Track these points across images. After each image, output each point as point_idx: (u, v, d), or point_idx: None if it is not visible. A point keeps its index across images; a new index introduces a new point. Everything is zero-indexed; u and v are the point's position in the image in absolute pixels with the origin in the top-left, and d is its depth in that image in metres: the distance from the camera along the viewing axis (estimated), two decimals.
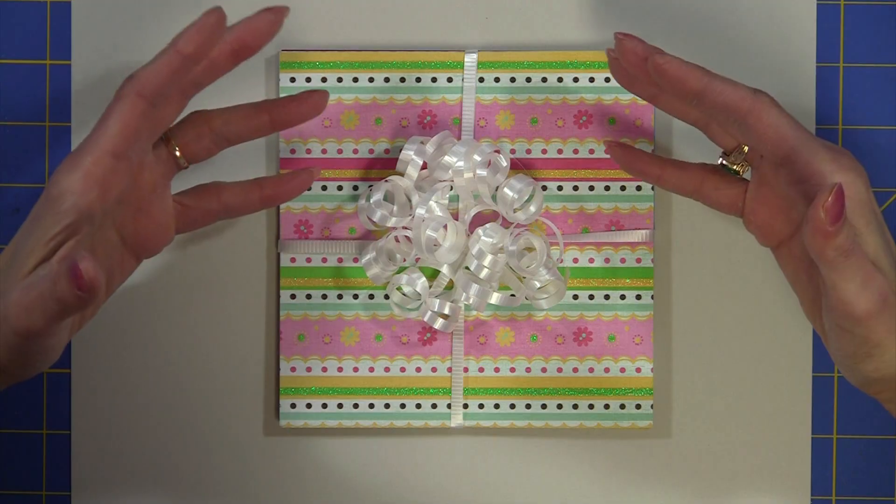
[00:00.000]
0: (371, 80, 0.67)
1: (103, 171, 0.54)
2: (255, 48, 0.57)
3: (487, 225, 0.65)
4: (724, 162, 0.60)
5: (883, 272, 0.54)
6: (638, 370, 0.67)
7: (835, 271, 0.53)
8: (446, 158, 0.65)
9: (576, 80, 0.67)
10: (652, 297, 0.67)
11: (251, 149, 0.68)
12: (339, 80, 0.67)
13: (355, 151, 0.67)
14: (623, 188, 0.67)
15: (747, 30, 0.68)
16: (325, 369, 0.67)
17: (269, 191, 0.63)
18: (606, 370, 0.67)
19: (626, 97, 0.67)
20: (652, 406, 0.67)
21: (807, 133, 0.56)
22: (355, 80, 0.67)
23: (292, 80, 0.67)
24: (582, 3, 0.68)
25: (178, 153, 0.60)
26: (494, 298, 0.65)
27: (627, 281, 0.67)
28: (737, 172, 0.60)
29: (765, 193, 0.59)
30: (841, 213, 0.51)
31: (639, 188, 0.67)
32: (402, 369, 0.67)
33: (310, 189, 0.67)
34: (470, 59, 0.67)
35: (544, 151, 0.67)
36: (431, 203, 0.65)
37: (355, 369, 0.67)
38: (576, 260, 0.67)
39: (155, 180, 0.59)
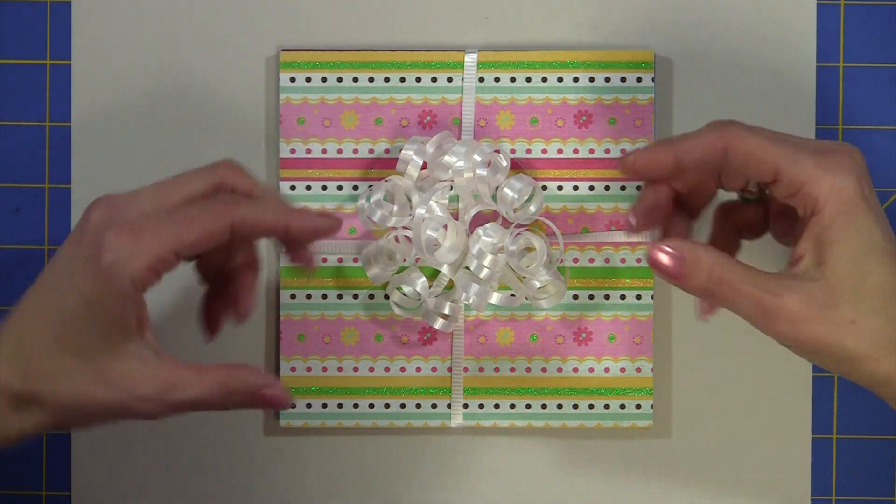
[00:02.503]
0: (371, 80, 0.67)
1: (164, 267, 0.51)
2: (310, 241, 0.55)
3: (487, 225, 0.65)
4: (739, 196, 0.59)
5: (867, 267, 0.52)
6: (638, 370, 0.67)
7: (719, 304, 0.53)
8: (446, 158, 0.65)
9: (576, 80, 0.67)
10: (652, 297, 0.67)
11: (251, 149, 0.68)
12: (339, 80, 0.67)
13: (355, 151, 0.67)
14: (623, 188, 0.67)
15: (747, 30, 0.68)
16: (325, 369, 0.67)
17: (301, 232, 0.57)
18: (606, 370, 0.67)
19: (626, 97, 0.67)
20: (652, 406, 0.67)
21: (788, 143, 0.54)
22: (355, 80, 0.67)
23: (292, 79, 0.67)
24: (582, 4, 0.68)
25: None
26: (494, 298, 0.65)
27: (627, 281, 0.67)
28: (756, 198, 0.59)
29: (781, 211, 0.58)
30: (668, 271, 0.52)
31: (639, 188, 0.67)
32: (402, 369, 0.67)
33: (309, 189, 0.67)
34: (470, 59, 0.67)
35: (544, 151, 0.67)
36: (431, 203, 0.65)
37: (355, 369, 0.67)
38: (576, 260, 0.67)
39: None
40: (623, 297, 0.67)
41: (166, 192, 0.52)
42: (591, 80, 0.67)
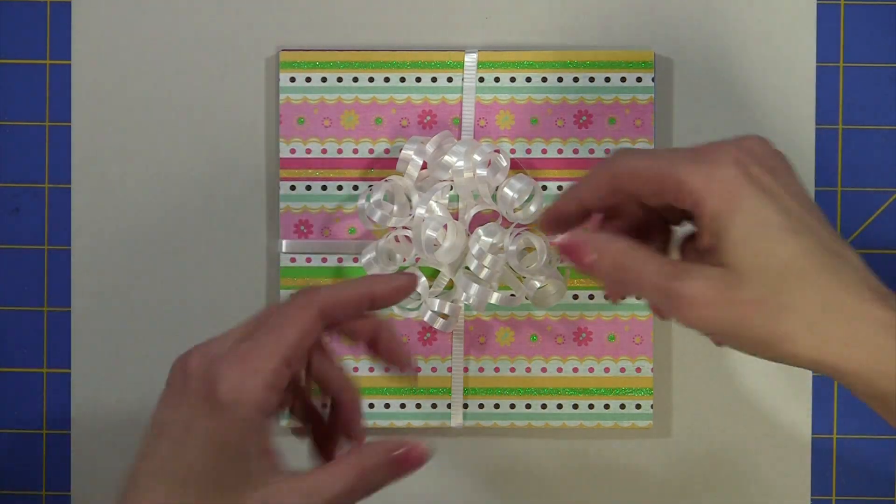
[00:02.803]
0: (371, 80, 0.67)
1: (282, 381, 0.50)
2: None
3: (487, 225, 0.65)
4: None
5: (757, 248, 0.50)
6: (638, 370, 0.67)
7: (628, 291, 0.53)
8: (446, 158, 0.65)
9: (576, 80, 0.67)
10: None
11: (251, 149, 0.68)
12: (339, 80, 0.67)
13: (355, 151, 0.67)
14: None
15: (747, 30, 0.68)
16: None
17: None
18: (606, 370, 0.67)
19: (626, 97, 0.67)
20: (652, 406, 0.67)
21: (666, 155, 0.52)
22: (355, 80, 0.67)
23: (292, 79, 0.67)
24: (582, 4, 0.68)
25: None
26: (494, 298, 0.65)
27: None
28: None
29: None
30: (575, 258, 0.52)
31: None
32: None
33: (309, 189, 0.67)
34: (470, 59, 0.67)
35: (544, 151, 0.67)
36: (431, 203, 0.65)
37: (355, 369, 0.67)
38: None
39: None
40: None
41: (251, 323, 0.51)
42: (591, 80, 0.67)
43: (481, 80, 0.67)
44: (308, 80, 0.67)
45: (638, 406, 0.67)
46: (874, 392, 0.50)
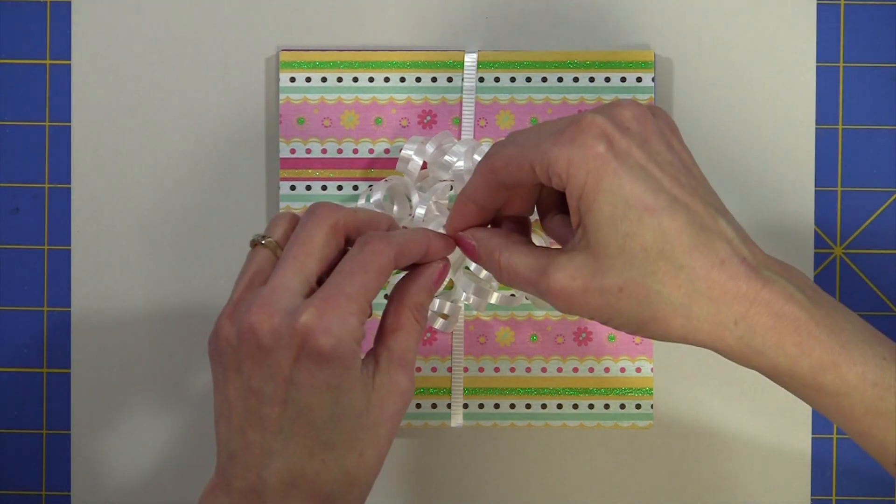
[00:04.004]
0: (371, 80, 0.67)
1: (366, 319, 0.51)
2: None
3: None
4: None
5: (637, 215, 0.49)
6: (638, 370, 0.67)
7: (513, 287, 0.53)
8: (446, 158, 0.65)
9: (576, 80, 0.67)
10: None
11: (251, 149, 0.68)
12: (339, 80, 0.67)
13: (355, 151, 0.67)
14: None
15: (747, 30, 0.68)
16: None
17: None
18: (606, 370, 0.67)
19: (626, 97, 0.67)
20: (652, 406, 0.67)
21: (532, 137, 0.51)
22: (355, 80, 0.67)
23: (292, 79, 0.67)
24: (581, 3, 0.68)
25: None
26: (494, 298, 0.65)
27: None
28: None
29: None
30: (468, 255, 0.54)
31: None
32: None
33: (309, 189, 0.67)
34: (470, 59, 0.67)
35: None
36: (431, 203, 0.65)
37: None
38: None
39: None
40: None
41: (302, 262, 0.51)
42: (591, 80, 0.67)
43: (481, 80, 0.67)
44: (308, 80, 0.67)
45: (638, 406, 0.67)
46: (749, 366, 0.50)
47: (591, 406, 0.67)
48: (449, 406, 0.67)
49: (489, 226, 0.56)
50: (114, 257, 0.68)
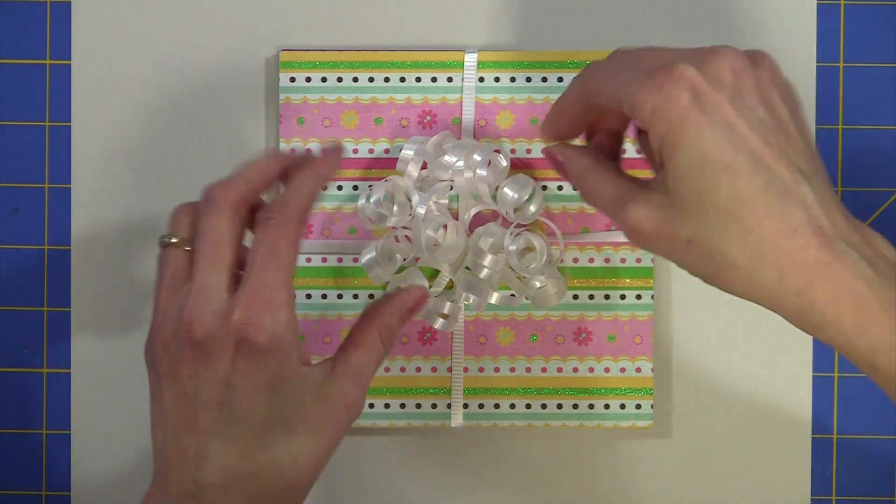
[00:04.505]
0: (371, 80, 0.67)
1: (293, 297, 0.52)
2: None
3: (487, 225, 0.65)
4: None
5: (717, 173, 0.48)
6: (638, 370, 0.67)
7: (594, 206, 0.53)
8: (446, 158, 0.65)
9: None
10: (652, 297, 0.67)
11: (251, 148, 0.68)
12: (339, 80, 0.67)
13: (355, 151, 0.67)
14: None
15: (748, 30, 0.68)
16: None
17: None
18: (606, 370, 0.67)
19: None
20: (652, 406, 0.67)
21: (626, 69, 0.50)
22: (355, 80, 0.67)
23: (292, 79, 0.67)
24: (581, 3, 0.68)
25: None
26: (494, 298, 0.65)
27: (627, 281, 0.67)
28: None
29: None
30: (556, 168, 0.54)
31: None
32: (402, 369, 0.67)
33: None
34: (470, 59, 0.67)
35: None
36: (431, 203, 0.65)
37: None
38: (576, 260, 0.67)
39: None
40: (623, 297, 0.67)
41: (217, 255, 0.52)
42: None
43: (481, 80, 0.67)
44: (308, 80, 0.67)
45: (638, 406, 0.67)
46: (807, 332, 0.49)
47: (591, 406, 0.67)
48: (449, 406, 0.67)
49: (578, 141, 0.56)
50: (114, 257, 0.68)
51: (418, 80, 0.67)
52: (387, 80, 0.67)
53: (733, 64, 0.49)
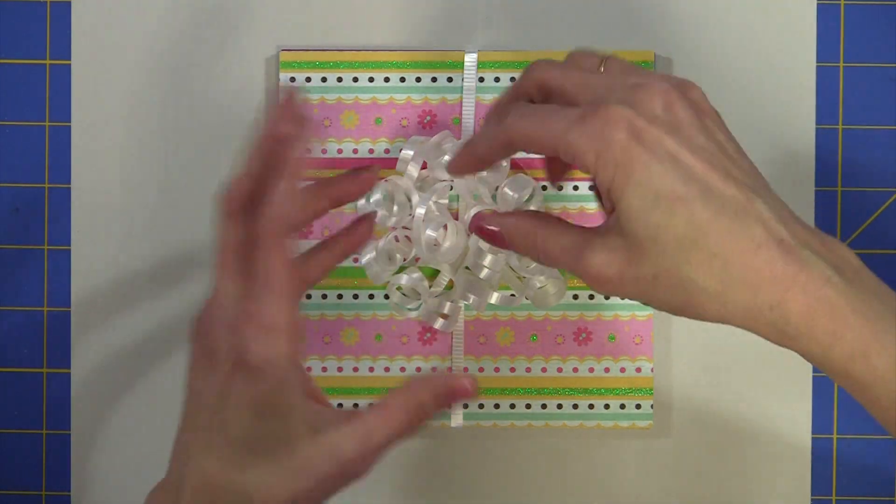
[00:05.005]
0: (371, 80, 0.67)
1: (295, 321, 0.50)
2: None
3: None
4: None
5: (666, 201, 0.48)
6: (638, 370, 0.67)
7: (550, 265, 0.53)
8: (446, 158, 0.65)
9: None
10: None
11: None
12: (339, 79, 0.67)
13: (355, 151, 0.67)
14: None
15: (747, 30, 0.68)
16: (325, 369, 0.67)
17: (339, 248, 0.58)
18: (606, 370, 0.67)
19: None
20: (652, 406, 0.67)
21: (556, 117, 0.50)
22: (355, 80, 0.67)
23: (292, 79, 0.67)
24: (582, 3, 0.68)
25: None
26: (494, 298, 0.65)
27: None
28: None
29: None
30: (493, 242, 0.53)
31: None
32: (402, 369, 0.67)
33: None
34: (470, 59, 0.67)
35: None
36: (431, 203, 0.65)
37: (355, 369, 0.67)
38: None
39: None
40: None
41: (228, 262, 0.51)
42: None
43: (481, 80, 0.67)
44: (308, 80, 0.67)
45: (638, 406, 0.67)
46: (784, 346, 0.49)
47: (591, 406, 0.67)
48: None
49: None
50: (114, 257, 0.68)
51: (418, 80, 0.67)
52: (387, 80, 0.67)
53: (664, 97, 0.49)
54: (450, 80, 0.67)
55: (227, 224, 0.51)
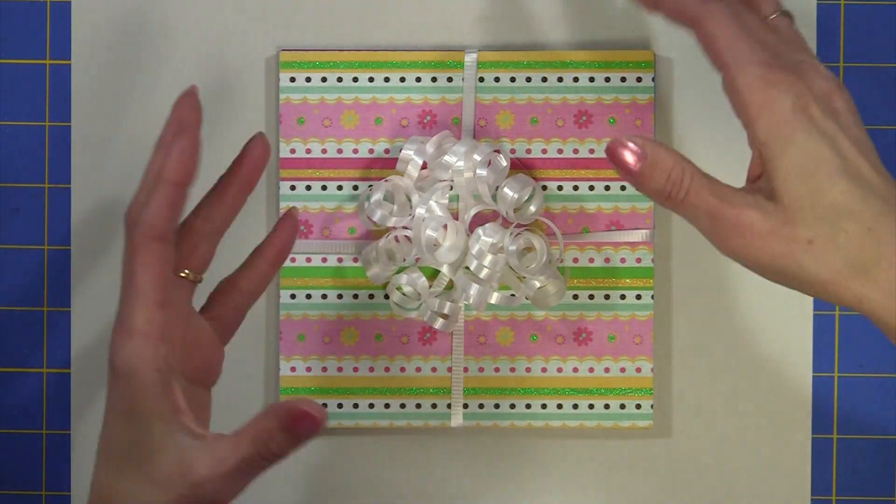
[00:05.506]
0: (371, 80, 0.67)
1: (158, 325, 0.50)
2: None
3: (487, 225, 0.65)
4: None
5: (821, 183, 0.49)
6: (638, 370, 0.67)
7: (677, 211, 0.51)
8: (446, 158, 0.65)
9: (576, 79, 0.67)
10: (652, 297, 0.67)
11: None
12: (339, 79, 0.67)
13: (355, 151, 0.67)
14: (623, 188, 0.67)
15: None
16: (325, 369, 0.67)
17: (270, 252, 0.59)
18: (606, 370, 0.67)
19: (626, 97, 0.67)
20: (652, 406, 0.67)
21: (747, 44, 0.51)
22: (355, 80, 0.67)
23: (292, 79, 0.67)
24: (582, 3, 0.68)
25: (186, 273, 0.55)
26: (494, 298, 0.65)
27: (627, 281, 0.67)
28: None
29: None
30: (628, 168, 0.51)
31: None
32: (402, 369, 0.67)
33: (309, 189, 0.66)
34: (470, 59, 0.67)
35: (544, 151, 0.67)
36: (431, 203, 0.65)
37: (355, 369, 0.67)
38: (576, 260, 0.67)
39: (187, 310, 0.55)
40: (623, 297, 0.67)
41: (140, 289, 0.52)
42: (591, 80, 0.67)
43: (481, 80, 0.67)
44: (308, 80, 0.67)
45: (638, 406, 0.67)
46: None
47: (591, 406, 0.67)
48: (449, 406, 0.67)
49: None
50: (114, 257, 0.68)
51: (418, 80, 0.67)
52: (387, 80, 0.67)
53: (826, 83, 0.51)
54: (450, 80, 0.67)
55: (126, 234, 0.51)
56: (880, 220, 0.49)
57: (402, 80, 0.67)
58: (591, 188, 0.67)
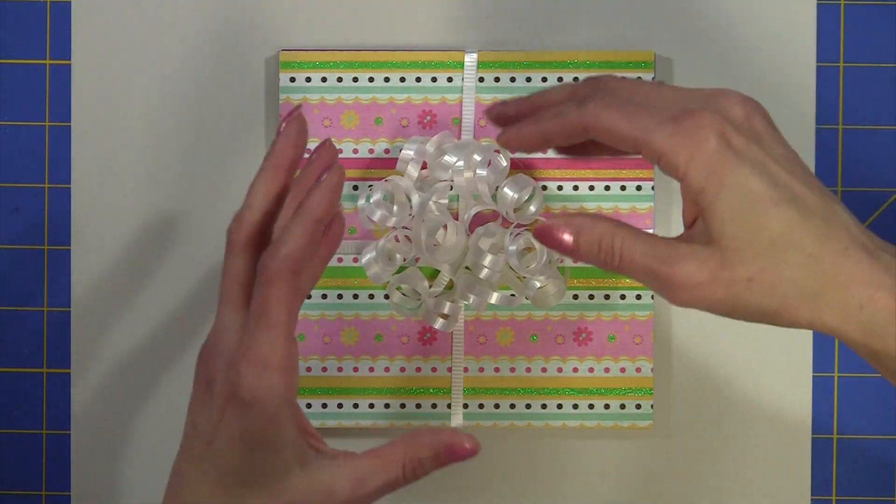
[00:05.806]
0: (371, 80, 0.67)
1: (291, 358, 0.50)
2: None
3: (487, 225, 0.65)
4: None
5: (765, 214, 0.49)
6: (638, 370, 0.67)
7: (619, 274, 0.51)
8: (446, 158, 0.65)
9: (576, 79, 0.67)
10: (652, 297, 0.67)
11: (251, 149, 0.68)
12: (339, 79, 0.67)
13: (355, 151, 0.67)
14: (623, 188, 0.67)
15: (747, 30, 0.68)
16: (325, 369, 0.67)
17: (326, 251, 0.57)
18: (606, 370, 0.67)
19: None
20: (652, 406, 0.67)
21: (644, 114, 0.50)
22: (355, 80, 0.67)
23: (292, 79, 0.67)
24: (582, 3, 0.68)
25: None
26: (494, 298, 0.65)
27: (627, 281, 0.67)
28: None
29: None
30: (560, 243, 0.51)
31: (639, 188, 0.67)
32: (402, 369, 0.67)
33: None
34: (470, 59, 0.67)
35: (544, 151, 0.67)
36: (431, 203, 0.65)
37: (355, 369, 0.67)
38: (576, 260, 0.67)
39: None
40: (623, 297, 0.67)
41: (233, 295, 0.52)
42: None
43: (481, 80, 0.67)
44: (308, 80, 0.67)
45: (638, 406, 0.67)
46: (870, 351, 0.50)
47: (591, 406, 0.67)
48: (449, 406, 0.67)
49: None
50: (114, 257, 0.68)
51: (418, 80, 0.67)
52: (387, 80, 0.67)
53: (743, 107, 0.51)
54: (450, 80, 0.67)
55: (234, 255, 0.51)
56: (822, 243, 0.49)
57: (402, 80, 0.67)
58: (591, 188, 0.67)
